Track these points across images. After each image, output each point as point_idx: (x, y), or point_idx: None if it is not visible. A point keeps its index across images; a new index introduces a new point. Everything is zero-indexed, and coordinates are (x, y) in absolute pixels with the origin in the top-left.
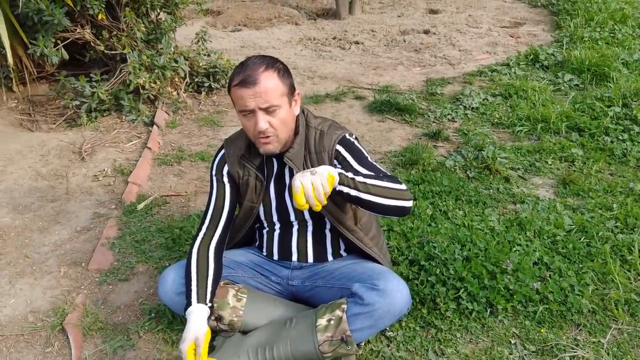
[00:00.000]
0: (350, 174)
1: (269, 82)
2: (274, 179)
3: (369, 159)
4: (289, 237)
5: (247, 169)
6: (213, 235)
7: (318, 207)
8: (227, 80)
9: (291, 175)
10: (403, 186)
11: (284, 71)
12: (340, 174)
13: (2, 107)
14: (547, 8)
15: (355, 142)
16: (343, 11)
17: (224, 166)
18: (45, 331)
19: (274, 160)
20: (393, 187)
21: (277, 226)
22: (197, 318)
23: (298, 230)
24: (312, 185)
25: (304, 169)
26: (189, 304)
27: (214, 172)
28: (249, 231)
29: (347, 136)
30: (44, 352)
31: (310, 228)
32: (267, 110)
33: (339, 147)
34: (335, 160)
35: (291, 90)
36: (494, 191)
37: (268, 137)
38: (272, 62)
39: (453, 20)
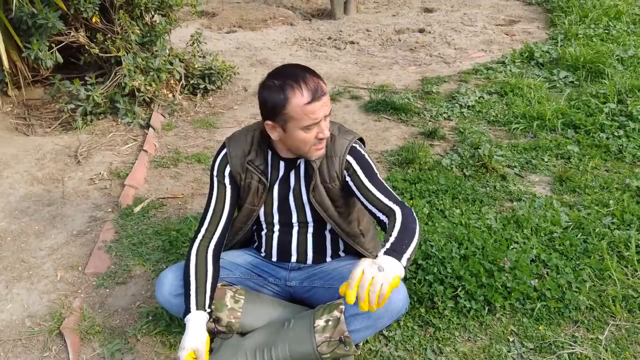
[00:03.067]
0: (404, 261)
1: (326, 88)
2: (279, 181)
3: (378, 175)
4: (289, 238)
5: (251, 173)
6: (212, 238)
7: (365, 307)
8: (271, 98)
9: (297, 177)
10: (414, 216)
11: None
12: (405, 267)
13: None
14: (541, 5)
15: (365, 156)
16: (338, 11)
17: (225, 167)
18: (43, 335)
19: (282, 163)
20: (417, 232)
21: (277, 228)
22: (196, 326)
23: (298, 231)
24: (373, 279)
25: (318, 171)
26: (187, 310)
27: (214, 173)
28: (246, 233)
29: (358, 147)
30: (42, 357)
31: (310, 229)
32: (327, 116)
33: (350, 158)
34: (345, 172)
35: None
36: (490, 189)
37: (324, 140)
38: (308, 67)
39: (448, 19)
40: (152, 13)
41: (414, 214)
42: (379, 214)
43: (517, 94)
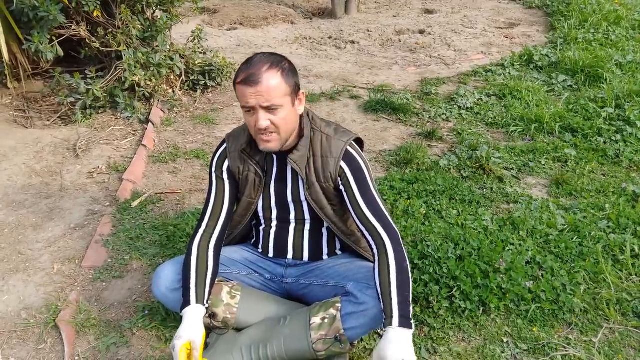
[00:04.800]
0: (412, 322)
1: (272, 82)
2: (275, 177)
3: (372, 188)
4: (285, 234)
5: (248, 164)
6: (213, 233)
7: None
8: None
9: (294, 176)
10: (402, 248)
11: (289, 70)
12: (412, 331)
13: None
14: (541, 9)
15: (360, 162)
16: (339, 11)
17: (224, 162)
18: (38, 328)
19: (274, 157)
20: (409, 270)
21: (274, 223)
22: (194, 319)
23: (295, 228)
24: None
25: (306, 172)
26: (187, 302)
27: (213, 169)
28: (245, 228)
29: (353, 152)
30: (37, 349)
31: (307, 226)
32: (269, 109)
33: (344, 166)
34: (339, 179)
35: (295, 89)
36: (487, 191)
37: (269, 134)
38: (277, 61)
39: (448, 21)
40: (154, 8)
41: (401, 242)
42: (366, 234)
43: (515, 97)
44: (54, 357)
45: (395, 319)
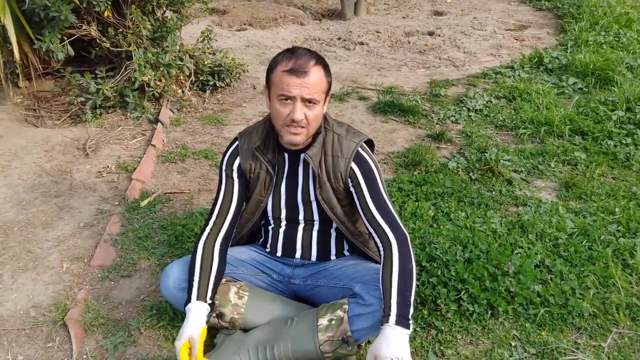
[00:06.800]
0: (411, 322)
1: (317, 76)
2: (286, 176)
3: (381, 189)
4: (294, 234)
5: (260, 162)
6: (219, 231)
7: None
8: (271, 62)
9: (305, 173)
10: (409, 248)
11: (328, 69)
12: (410, 332)
13: (7, 102)
14: (552, 11)
15: (371, 164)
16: (348, 12)
17: (234, 160)
18: (47, 326)
19: (285, 155)
20: (414, 272)
21: (283, 223)
22: (195, 316)
23: (304, 228)
24: None
25: (319, 170)
26: (188, 300)
27: (223, 167)
28: (253, 228)
29: (364, 154)
30: (45, 347)
31: (316, 227)
32: (307, 102)
33: (355, 167)
34: (349, 180)
35: (329, 89)
36: (496, 193)
37: (299, 127)
38: (320, 58)
39: (458, 23)
40: (164, 9)
41: (409, 243)
42: (374, 235)
43: (525, 99)
44: (62, 356)
45: (393, 317)
